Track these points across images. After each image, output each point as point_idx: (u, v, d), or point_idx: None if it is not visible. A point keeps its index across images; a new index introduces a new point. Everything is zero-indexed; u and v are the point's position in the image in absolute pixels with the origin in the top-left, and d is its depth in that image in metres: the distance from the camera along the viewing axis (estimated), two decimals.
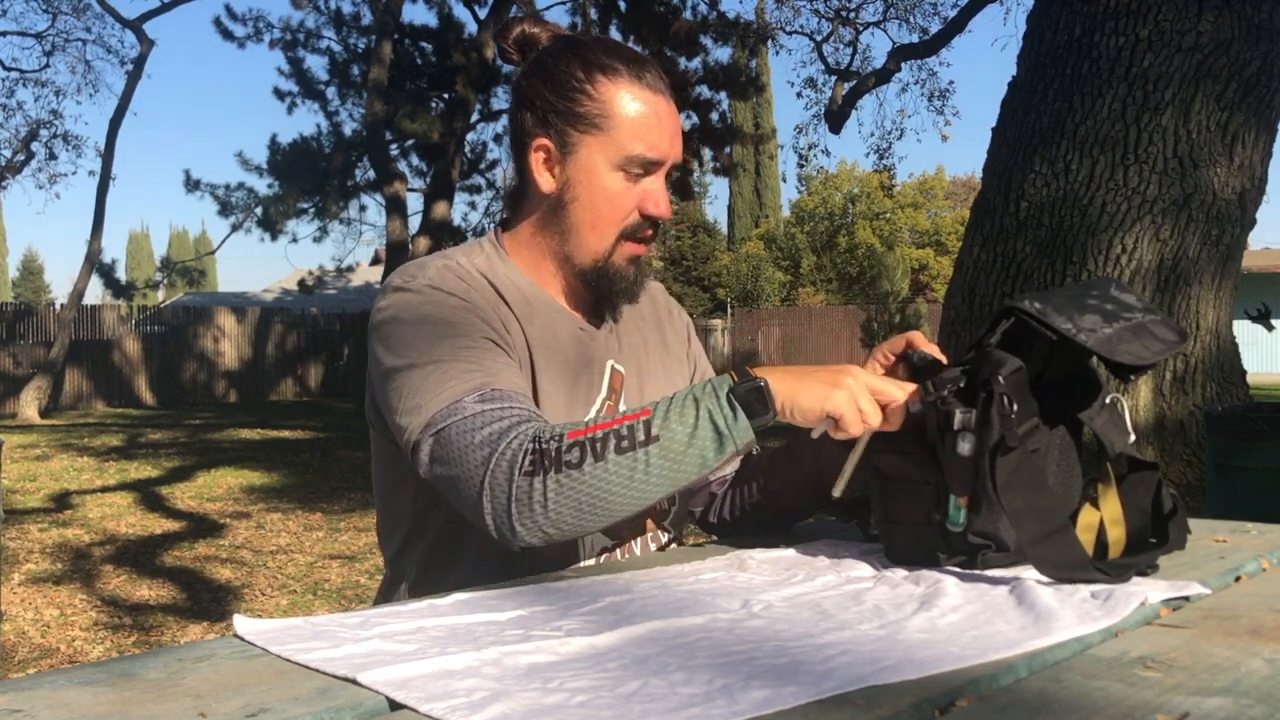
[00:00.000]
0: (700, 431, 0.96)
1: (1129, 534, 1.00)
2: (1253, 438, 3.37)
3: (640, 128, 1.14)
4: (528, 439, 0.98)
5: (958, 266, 5.10)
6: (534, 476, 0.96)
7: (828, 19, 15.49)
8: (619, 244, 1.18)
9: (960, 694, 0.63)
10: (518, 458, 0.97)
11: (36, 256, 57.78)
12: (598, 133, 1.15)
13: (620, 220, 1.17)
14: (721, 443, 0.96)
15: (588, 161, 1.15)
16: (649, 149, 1.15)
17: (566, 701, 0.62)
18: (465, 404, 1.02)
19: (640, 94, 1.15)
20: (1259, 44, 4.55)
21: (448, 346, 1.07)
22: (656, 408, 0.98)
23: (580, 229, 1.17)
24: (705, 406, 0.96)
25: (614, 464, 0.95)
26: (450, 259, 1.19)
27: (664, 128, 1.16)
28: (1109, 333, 0.97)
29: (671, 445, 0.95)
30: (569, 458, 0.95)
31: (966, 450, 0.94)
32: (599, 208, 1.16)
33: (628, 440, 0.95)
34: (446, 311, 1.10)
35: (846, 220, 31.78)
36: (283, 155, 14.10)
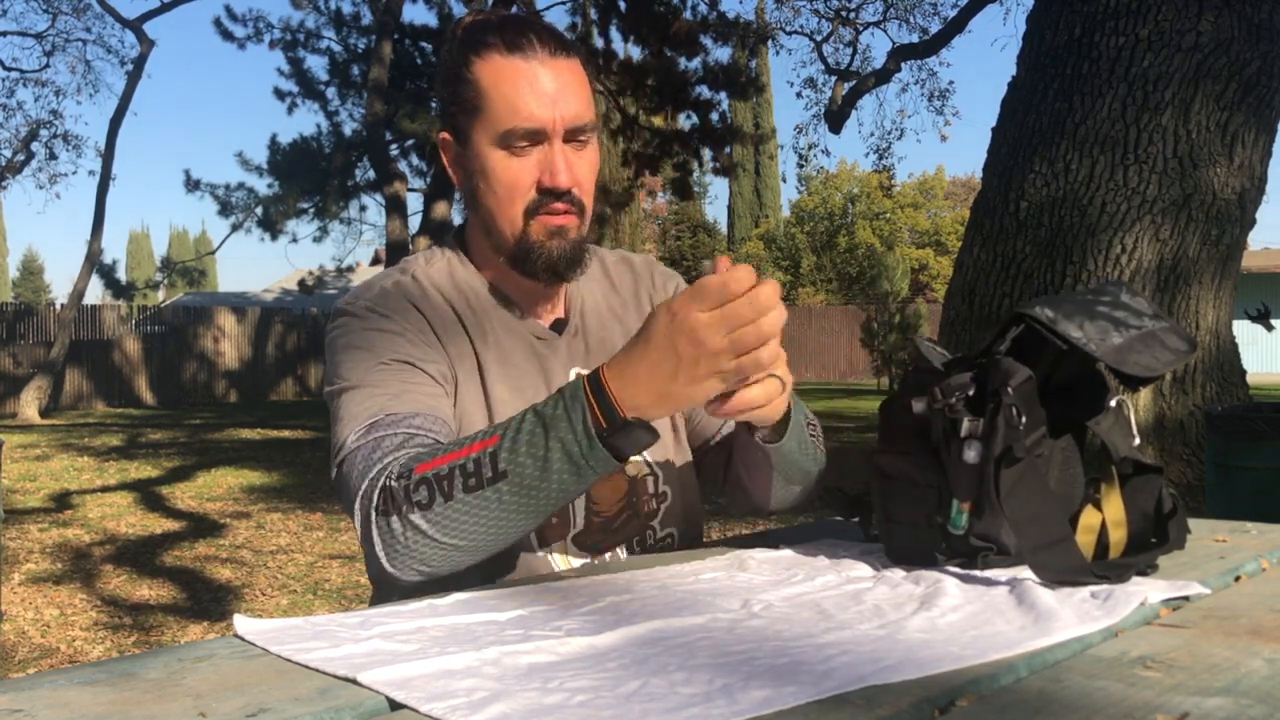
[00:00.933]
0: (553, 463, 0.88)
1: (1130, 537, 1.00)
2: (1253, 437, 3.37)
3: (510, 99, 1.08)
4: (384, 474, 0.95)
5: (957, 266, 5.10)
6: (389, 516, 0.93)
7: (828, 19, 15.50)
8: (529, 223, 1.12)
9: (960, 694, 0.63)
10: (372, 497, 0.95)
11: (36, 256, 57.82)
12: (478, 115, 1.10)
13: (520, 199, 1.11)
14: (580, 474, 0.89)
15: (477, 147, 1.12)
16: (524, 119, 1.08)
17: (566, 701, 0.62)
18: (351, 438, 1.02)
19: (511, 64, 1.09)
20: (1259, 44, 4.55)
21: (362, 370, 1.07)
22: (505, 435, 0.90)
23: (492, 218, 1.13)
24: (556, 436, 0.88)
25: (464, 503, 0.90)
26: (407, 272, 1.18)
27: (538, 93, 1.08)
28: (1119, 342, 0.97)
29: (523, 480, 0.89)
30: (418, 497, 0.91)
31: (973, 458, 0.94)
32: (496, 192, 1.12)
33: (475, 478, 0.89)
34: (371, 335, 1.10)
35: (846, 220, 31.78)
36: (283, 155, 14.10)
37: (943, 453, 0.98)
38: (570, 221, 1.13)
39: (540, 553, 1.14)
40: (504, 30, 1.10)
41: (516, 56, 1.09)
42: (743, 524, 5.35)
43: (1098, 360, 0.96)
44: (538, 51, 1.10)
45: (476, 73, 1.10)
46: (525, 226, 1.12)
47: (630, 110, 13.58)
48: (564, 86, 1.10)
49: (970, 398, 0.95)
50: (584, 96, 1.12)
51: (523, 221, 1.12)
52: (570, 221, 1.13)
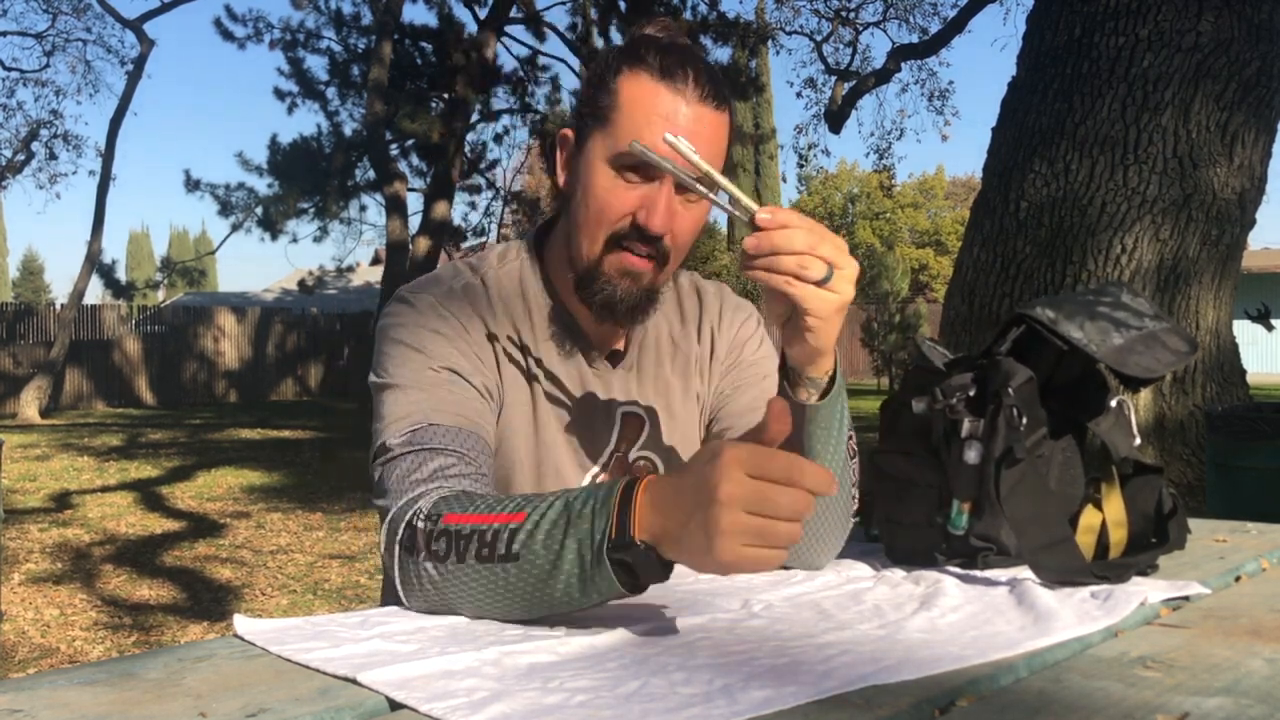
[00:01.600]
0: (564, 563, 0.82)
1: (1130, 537, 1.00)
2: (1253, 438, 3.37)
3: (640, 124, 1.03)
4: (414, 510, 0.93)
5: (957, 266, 5.10)
6: (410, 554, 0.91)
7: (828, 19, 15.50)
8: (608, 250, 1.07)
9: (960, 694, 0.63)
10: (399, 530, 0.93)
11: (36, 256, 57.80)
12: (604, 125, 1.06)
13: (609, 223, 1.06)
14: (584, 587, 0.82)
15: (590, 154, 1.08)
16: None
17: (566, 701, 0.62)
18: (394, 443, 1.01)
19: (656, 90, 1.04)
20: (1259, 44, 4.55)
21: (411, 370, 1.05)
22: (530, 515, 0.85)
23: (576, 231, 1.10)
24: (575, 535, 0.82)
25: (472, 570, 0.86)
26: (479, 272, 1.15)
27: (670, 129, 1.01)
28: (1120, 343, 0.96)
29: (532, 570, 0.83)
30: (436, 547, 0.89)
31: (973, 458, 0.94)
32: (590, 206, 1.07)
33: (488, 550, 0.85)
34: (425, 336, 1.07)
35: (846, 220, 31.77)
36: (283, 155, 14.09)
37: (943, 453, 0.98)
38: (647, 268, 1.08)
39: None
40: (666, 54, 1.06)
41: (665, 84, 1.05)
42: None
43: (1098, 361, 0.96)
44: (688, 88, 1.05)
45: (620, 85, 1.06)
46: (602, 255, 1.08)
47: None
48: (698, 134, 1.03)
49: (971, 398, 0.95)
50: (716, 152, 1.06)
51: (601, 248, 1.08)
52: (647, 268, 1.08)
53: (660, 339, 1.21)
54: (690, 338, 1.23)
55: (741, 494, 0.74)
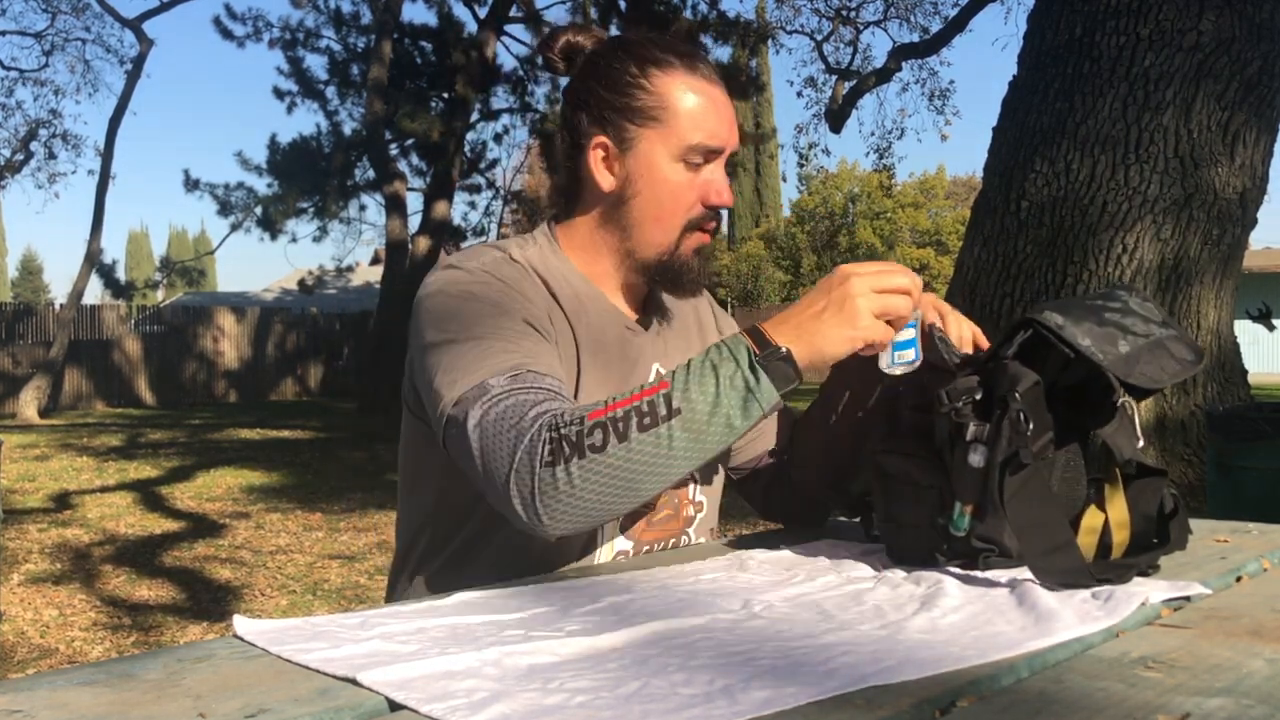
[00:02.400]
0: (722, 399, 0.94)
1: (1132, 538, 1.00)
2: (1254, 438, 3.37)
3: (698, 117, 1.14)
4: (547, 426, 0.95)
5: (958, 266, 5.10)
6: (555, 466, 0.93)
7: (828, 18, 15.50)
8: (684, 236, 1.17)
9: (961, 694, 0.62)
10: (537, 448, 0.94)
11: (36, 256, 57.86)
12: (657, 125, 1.15)
13: (685, 211, 1.16)
14: (747, 408, 0.95)
15: (648, 155, 1.15)
16: (709, 137, 1.15)
17: (567, 702, 0.62)
18: (497, 382, 1.00)
19: (695, 84, 1.15)
20: (1260, 44, 4.55)
21: (490, 325, 1.07)
22: (674, 379, 0.96)
23: (644, 223, 1.17)
24: (725, 374, 0.95)
25: (638, 442, 0.93)
26: (506, 250, 1.19)
27: (722, 116, 1.16)
28: (1127, 351, 0.97)
29: (694, 417, 0.94)
30: (592, 440, 0.93)
31: (978, 462, 0.93)
32: (662, 200, 1.16)
33: (649, 417, 0.94)
34: (493, 293, 1.10)
35: (847, 220, 31.78)
36: (282, 155, 14.10)
37: (946, 455, 0.97)
38: (712, 241, 1.20)
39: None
40: (678, 50, 1.17)
41: (699, 77, 1.16)
42: (743, 524, 5.35)
43: (1105, 369, 0.96)
44: (712, 77, 1.18)
45: (659, 85, 1.15)
46: (679, 239, 1.17)
47: None
48: (734, 115, 1.20)
49: (977, 402, 0.95)
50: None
51: (679, 234, 1.17)
52: (712, 241, 1.20)
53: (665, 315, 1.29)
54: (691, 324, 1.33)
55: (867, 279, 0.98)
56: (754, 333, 0.98)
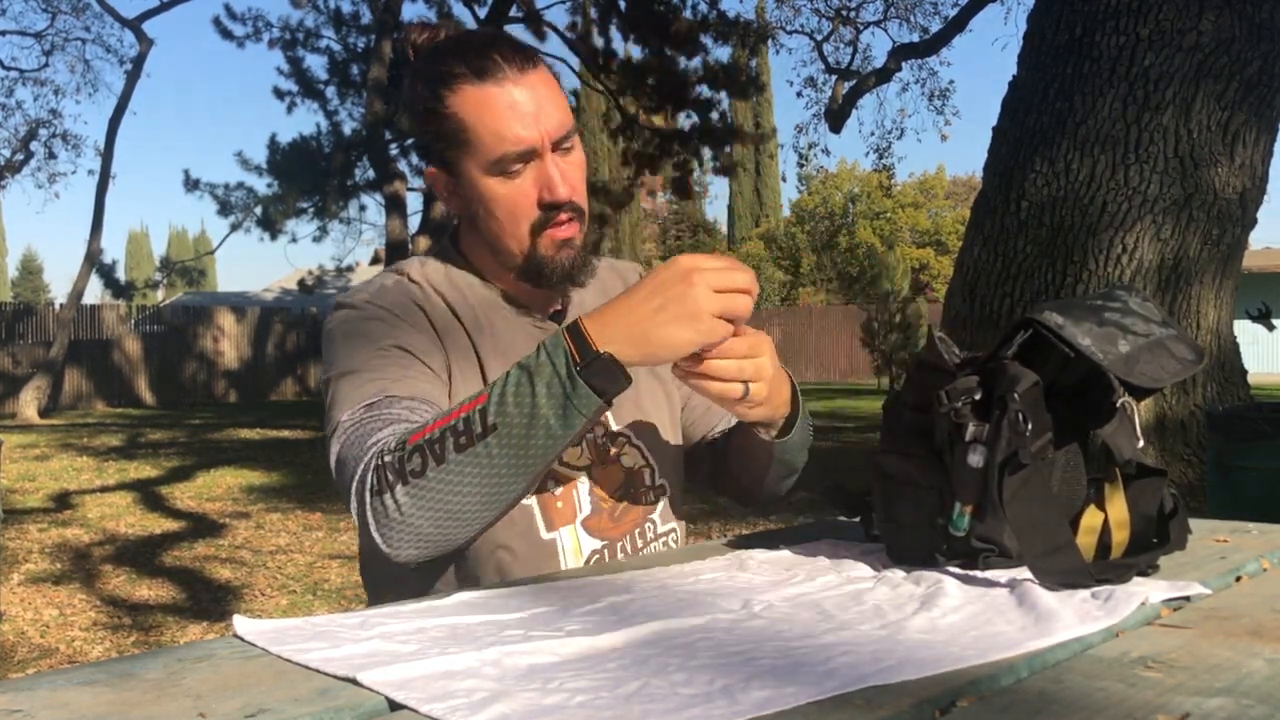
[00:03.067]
0: (539, 410, 0.90)
1: (1132, 538, 1.00)
2: (1254, 438, 3.37)
3: (496, 127, 1.09)
4: (377, 454, 0.96)
5: (958, 266, 5.10)
6: (382, 495, 0.94)
7: (828, 18, 15.50)
8: (536, 239, 1.14)
9: (961, 694, 0.63)
10: (368, 477, 0.96)
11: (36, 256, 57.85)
12: (466, 148, 1.12)
13: (524, 219, 1.13)
14: (567, 417, 0.91)
15: (470, 177, 1.13)
16: (513, 144, 1.10)
17: (566, 702, 0.62)
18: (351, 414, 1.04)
19: (485, 92, 1.09)
20: (1260, 43, 4.55)
21: (361, 356, 1.09)
22: (491, 391, 0.93)
23: (496, 238, 1.16)
24: (541, 382, 0.91)
25: (456, 464, 0.91)
26: (403, 273, 1.20)
27: (520, 115, 1.09)
28: (1127, 351, 0.97)
29: (512, 431, 0.91)
30: (412, 466, 0.92)
31: (977, 463, 0.93)
32: (499, 216, 1.14)
33: (465, 435, 0.91)
34: (369, 324, 1.12)
35: (847, 220, 31.79)
36: (282, 155, 14.09)
37: (946, 455, 0.97)
38: (575, 230, 1.15)
39: (549, 535, 1.14)
40: (466, 56, 1.10)
41: (489, 83, 1.09)
42: (743, 524, 5.35)
43: (1105, 369, 0.96)
44: (507, 72, 1.10)
45: (452, 106, 1.11)
46: (534, 243, 1.14)
47: (630, 110, 13.58)
48: (541, 100, 1.11)
49: (976, 402, 0.95)
50: (561, 103, 1.13)
51: (530, 239, 1.14)
52: (575, 230, 1.15)
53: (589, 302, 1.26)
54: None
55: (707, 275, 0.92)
56: (575, 332, 0.93)
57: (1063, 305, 0.99)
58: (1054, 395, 0.96)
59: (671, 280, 0.93)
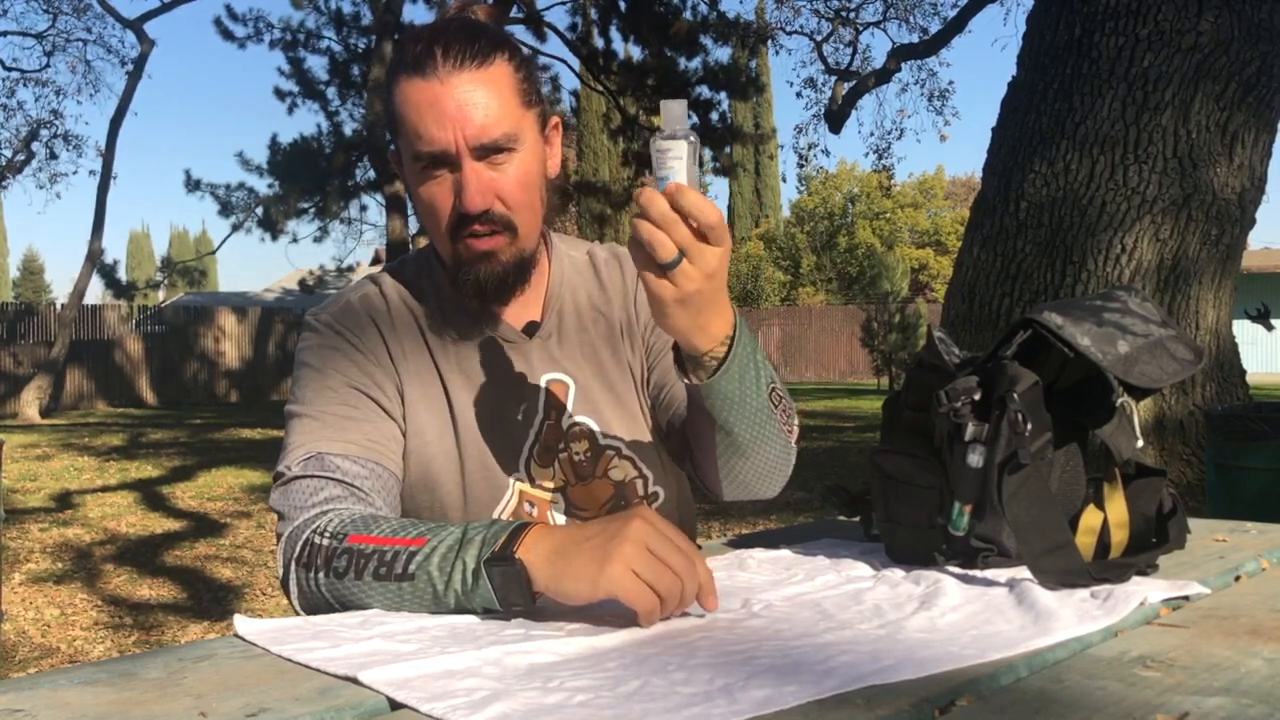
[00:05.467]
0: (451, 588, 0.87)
1: (1131, 537, 1.00)
2: (1253, 438, 3.37)
3: (415, 124, 1.05)
4: (311, 528, 1.00)
5: (957, 266, 5.10)
6: (308, 570, 0.98)
7: (828, 19, 15.49)
8: (455, 246, 1.09)
9: (960, 693, 0.63)
10: (296, 547, 1.00)
11: (37, 256, 57.82)
12: (401, 138, 1.09)
13: (441, 222, 1.08)
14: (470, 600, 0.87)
15: (405, 169, 1.11)
16: (425, 143, 1.05)
17: (567, 701, 0.62)
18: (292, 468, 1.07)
19: (414, 86, 1.05)
20: (1259, 44, 4.55)
21: (311, 394, 1.11)
22: (428, 542, 0.90)
23: (430, 235, 1.13)
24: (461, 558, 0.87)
25: (370, 587, 0.91)
26: (378, 282, 1.20)
27: (436, 114, 1.03)
28: (1126, 351, 0.97)
29: (423, 590, 0.89)
30: (337, 565, 0.94)
31: (976, 462, 0.94)
32: (422, 212, 1.12)
33: (385, 570, 0.91)
34: (326, 355, 1.13)
35: (846, 220, 31.78)
36: (283, 155, 14.10)
37: (945, 455, 0.97)
38: (496, 244, 1.08)
39: None
40: (417, 44, 1.06)
41: (418, 78, 1.05)
42: (743, 524, 5.35)
43: (1104, 369, 0.96)
44: (439, 69, 1.04)
45: (394, 94, 1.08)
46: (454, 248, 1.10)
47: (630, 110, 13.58)
48: (465, 103, 1.04)
49: (976, 402, 0.95)
50: (494, 108, 1.05)
51: (450, 244, 1.09)
52: (496, 244, 1.08)
53: (580, 306, 1.22)
54: (613, 304, 1.23)
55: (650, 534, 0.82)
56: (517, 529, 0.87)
57: (1062, 305, 0.99)
58: (1053, 395, 0.96)
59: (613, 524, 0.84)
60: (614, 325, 1.22)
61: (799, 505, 6.10)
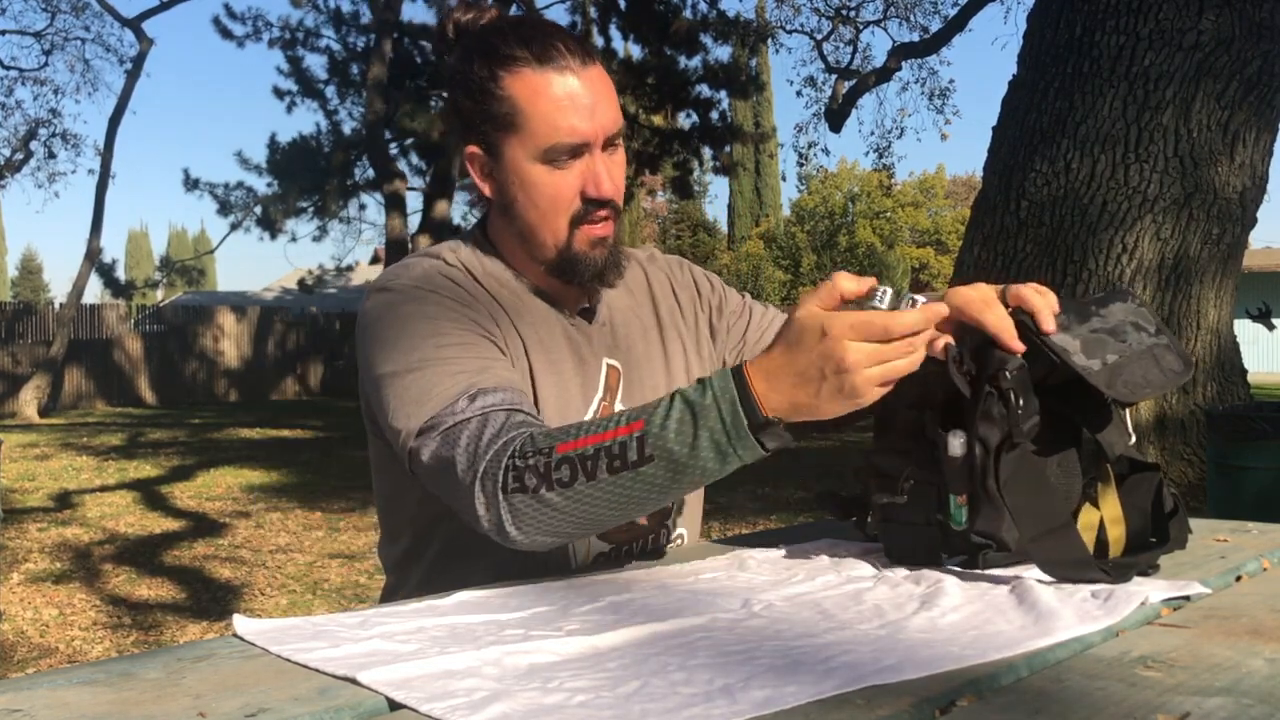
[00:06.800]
0: (701, 451, 0.89)
1: (1128, 534, 1.00)
2: (1253, 437, 3.38)
3: (553, 116, 1.08)
4: (513, 452, 0.94)
5: (958, 265, 5.11)
6: (521, 493, 0.93)
7: (828, 18, 15.51)
8: (574, 232, 1.12)
9: (961, 693, 0.63)
10: (501, 474, 0.94)
11: (35, 255, 57.82)
12: (515, 130, 1.09)
13: (565, 211, 1.11)
14: (725, 461, 0.90)
15: (514, 162, 1.11)
16: (567, 134, 1.08)
17: (566, 701, 0.62)
18: (454, 409, 0.99)
19: (546, 79, 1.08)
20: (1260, 43, 4.55)
21: (431, 347, 1.04)
22: (651, 421, 0.91)
23: (531, 228, 1.13)
24: (705, 426, 0.89)
25: (606, 484, 0.91)
26: (438, 256, 1.17)
27: (578, 107, 1.08)
28: (1114, 361, 0.97)
29: (669, 465, 0.90)
30: (559, 475, 0.92)
31: (958, 449, 0.94)
32: (539, 205, 1.12)
33: (619, 460, 0.90)
34: (430, 309, 1.08)
35: (847, 219, 31.80)
36: (282, 154, 14.10)
37: (940, 449, 0.97)
38: (610, 229, 1.14)
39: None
40: (529, 40, 1.09)
41: (550, 70, 1.08)
42: (743, 524, 5.35)
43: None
44: (570, 62, 1.09)
45: (509, 89, 1.09)
46: (570, 237, 1.13)
47: (630, 109, 13.58)
48: (599, 96, 1.10)
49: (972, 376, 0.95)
50: (615, 102, 1.13)
51: (567, 232, 1.12)
52: (610, 229, 1.14)
53: (620, 303, 1.25)
54: (643, 306, 1.28)
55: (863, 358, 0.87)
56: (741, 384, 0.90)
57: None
58: (1045, 392, 0.96)
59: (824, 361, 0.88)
60: (643, 321, 1.27)
61: (799, 505, 6.10)
